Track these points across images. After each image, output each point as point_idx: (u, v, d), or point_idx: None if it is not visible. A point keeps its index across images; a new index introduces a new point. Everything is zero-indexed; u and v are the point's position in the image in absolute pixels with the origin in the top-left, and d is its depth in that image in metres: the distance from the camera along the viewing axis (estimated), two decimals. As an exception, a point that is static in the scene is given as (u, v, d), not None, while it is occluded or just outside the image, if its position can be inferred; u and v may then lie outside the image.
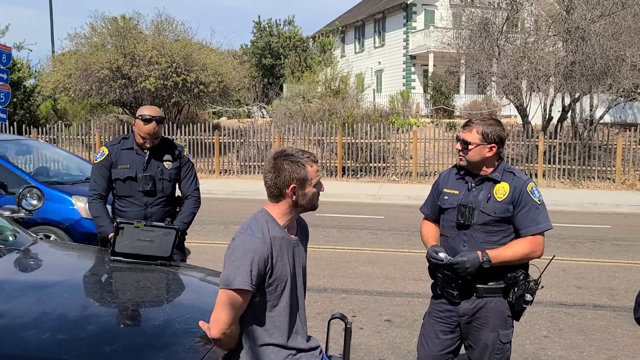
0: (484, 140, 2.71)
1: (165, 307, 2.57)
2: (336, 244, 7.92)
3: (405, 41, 28.77)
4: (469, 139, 2.72)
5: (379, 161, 15.85)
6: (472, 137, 2.72)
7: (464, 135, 2.74)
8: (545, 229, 2.71)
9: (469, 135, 2.73)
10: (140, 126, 3.46)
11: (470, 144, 2.71)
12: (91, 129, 16.99)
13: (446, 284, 2.76)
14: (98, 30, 18.13)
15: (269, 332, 2.14)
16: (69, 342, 2.05)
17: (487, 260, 2.62)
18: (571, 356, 4.24)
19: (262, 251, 2.07)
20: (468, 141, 2.71)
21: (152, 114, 3.46)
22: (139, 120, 3.45)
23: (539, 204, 2.73)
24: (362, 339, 4.46)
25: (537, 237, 2.70)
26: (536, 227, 2.69)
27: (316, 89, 19.99)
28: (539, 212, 2.72)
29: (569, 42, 15.14)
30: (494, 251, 2.65)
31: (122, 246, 2.96)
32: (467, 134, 2.73)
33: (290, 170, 2.09)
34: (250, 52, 29.76)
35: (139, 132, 3.48)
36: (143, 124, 3.44)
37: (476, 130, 2.72)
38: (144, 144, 3.51)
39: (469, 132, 2.74)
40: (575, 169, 15.04)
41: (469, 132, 2.73)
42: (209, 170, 16.41)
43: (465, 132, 2.75)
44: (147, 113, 3.45)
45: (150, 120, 3.44)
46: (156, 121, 3.45)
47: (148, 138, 3.48)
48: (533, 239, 2.69)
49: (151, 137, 3.48)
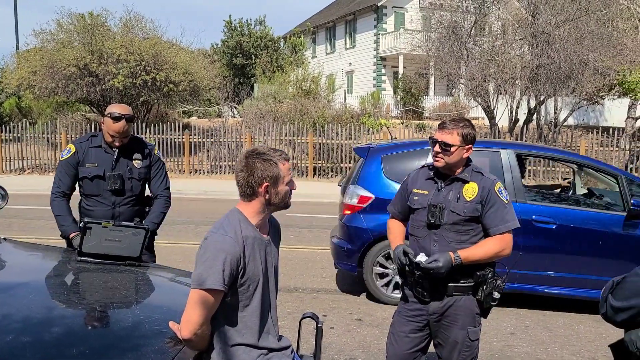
0: (464, 142, 2.75)
1: (134, 308, 2.52)
2: (307, 243, 7.93)
3: (376, 43, 28.99)
4: (450, 141, 2.73)
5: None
6: (453, 139, 2.73)
7: (444, 137, 2.74)
8: (513, 227, 2.77)
9: (450, 137, 2.74)
10: (109, 124, 3.40)
11: (452, 146, 2.73)
12: (57, 127, 16.61)
13: (416, 284, 2.79)
14: (64, 27, 17.74)
15: (240, 332, 2.13)
16: (33, 344, 2.00)
17: (459, 261, 2.66)
18: (536, 352, 4.35)
19: (234, 251, 2.06)
20: (450, 143, 2.73)
21: (122, 112, 3.40)
22: (108, 119, 3.39)
23: (507, 203, 2.79)
24: (332, 338, 4.48)
25: (506, 235, 2.76)
26: (505, 225, 2.75)
27: (287, 90, 19.98)
28: (507, 211, 2.77)
29: (534, 46, 15.50)
30: (466, 251, 2.69)
31: (89, 246, 2.91)
32: (448, 136, 2.74)
33: (262, 169, 2.09)
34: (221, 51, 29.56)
35: (108, 131, 3.42)
36: (112, 122, 3.38)
37: (456, 132, 2.74)
38: (113, 142, 3.45)
39: (449, 134, 2.74)
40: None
41: (449, 134, 2.74)
42: (178, 169, 16.22)
43: (445, 134, 2.75)
44: (116, 111, 3.39)
45: (119, 118, 3.38)
46: (126, 119, 3.39)
47: (117, 136, 3.42)
48: (502, 238, 2.75)
49: (120, 135, 3.42)
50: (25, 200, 10.84)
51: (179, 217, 9.09)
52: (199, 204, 11.48)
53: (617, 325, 1.67)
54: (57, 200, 3.51)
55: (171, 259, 6.24)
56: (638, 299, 1.59)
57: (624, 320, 1.63)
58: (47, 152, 16.38)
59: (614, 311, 1.64)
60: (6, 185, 13.59)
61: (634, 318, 1.61)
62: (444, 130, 2.77)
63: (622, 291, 1.64)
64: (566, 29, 15.04)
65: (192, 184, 14.28)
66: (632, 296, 1.61)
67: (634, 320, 1.61)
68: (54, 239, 6.42)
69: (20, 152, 16.42)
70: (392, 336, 2.93)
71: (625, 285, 1.64)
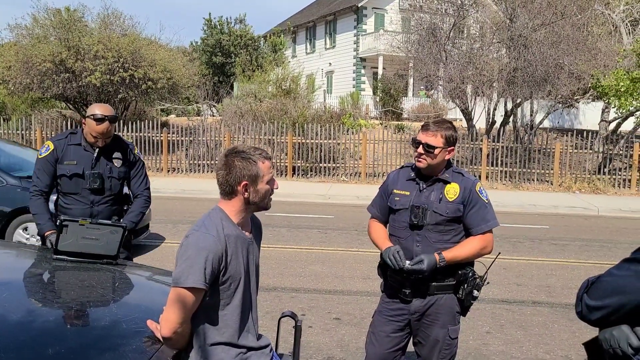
0: (446, 144, 2.78)
1: (111, 307, 2.50)
2: (286, 243, 7.93)
3: (356, 43, 29.10)
4: (434, 143, 2.75)
5: (328, 161, 15.96)
6: (437, 142, 2.75)
7: (427, 139, 2.75)
8: (494, 226, 2.82)
9: (434, 139, 2.75)
10: (92, 126, 3.34)
11: (436, 148, 2.74)
12: (32, 124, 16.29)
13: (399, 284, 2.81)
14: (40, 22, 17.41)
15: (220, 330, 2.13)
16: (8, 345, 1.97)
17: (444, 263, 2.69)
18: (511, 351, 4.42)
19: (216, 249, 2.05)
20: (434, 145, 2.74)
21: (105, 113, 3.34)
22: (91, 120, 3.33)
23: (487, 203, 2.83)
24: (311, 337, 4.50)
25: (487, 234, 2.80)
26: (486, 224, 2.79)
27: (267, 89, 19.92)
28: (487, 211, 2.81)
29: (512, 49, 15.73)
30: (450, 252, 2.72)
31: (65, 244, 2.87)
32: (432, 138, 2.75)
33: (241, 167, 2.09)
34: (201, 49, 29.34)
35: (91, 132, 3.36)
36: (95, 124, 3.32)
37: (440, 134, 2.76)
38: (96, 143, 3.40)
39: (433, 136, 2.76)
40: (516, 171, 15.63)
41: (433, 137, 2.75)
42: (157, 168, 16.06)
43: (429, 136, 2.76)
44: (99, 112, 3.33)
45: (102, 119, 3.32)
46: (109, 120, 3.34)
47: (100, 137, 3.37)
48: (484, 237, 2.79)
49: (104, 136, 3.38)
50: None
51: (157, 216, 9.00)
52: (177, 203, 11.38)
53: (592, 323, 1.72)
54: (35, 199, 3.46)
55: (149, 257, 6.18)
56: (612, 298, 1.64)
57: (598, 319, 1.68)
58: (21, 149, 16.05)
59: (589, 310, 1.68)
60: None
61: (607, 317, 1.66)
62: (427, 132, 2.78)
63: (597, 291, 1.68)
64: (542, 32, 15.31)
65: (171, 182, 14.15)
66: (606, 295, 1.66)
67: (608, 319, 1.66)
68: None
69: (-7, 149, 16.05)
70: (373, 336, 2.95)
71: (600, 285, 1.69)
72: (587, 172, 15.58)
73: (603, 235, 9.33)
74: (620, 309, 1.62)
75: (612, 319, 1.65)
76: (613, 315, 1.64)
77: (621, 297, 1.62)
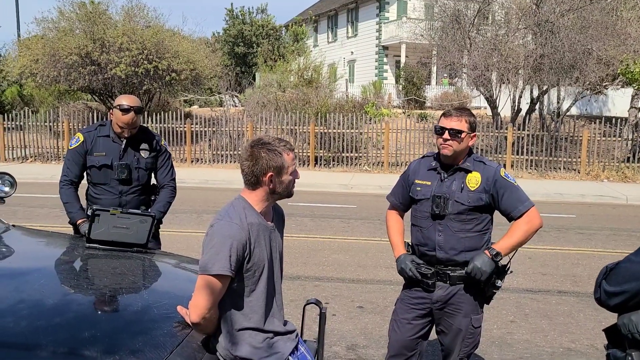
0: (470, 130, 2.78)
1: (142, 293, 2.58)
2: (309, 232, 7.99)
3: (378, 32, 28.89)
4: (460, 127, 2.73)
5: (351, 151, 15.95)
6: (462, 126, 2.74)
7: (452, 124, 2.74)
8: (530, 205, 2.77)
9: (459, 124, 2.74)
10: (118, 116, 3.44)
11: (462, 132, 2.73)
12: (59, 115, 16.62)
13: (422, 275, 2.82)
14: (66, 15, 17.70)
15: (247, 316, 2.19)
16: (46, 328, 2.06)
17: (496, 254, 2.67)
18: (536, 339, 4.41)
19: (240, 237, 2.10)
20: (461, 130, 2.73)
21: (130, 103, 3.44)
22: (117, 110, 3.44)
23: (516, 185, 2.81)
24: (335, 325, 4.55)
25: (529, 212, 2.75)
26: (523, 205, 2.75)
27: (289, 79, 19.96)
28: (519, 192, 2.79)
29: (538, 35, 15.45)
30: (499, 244, 2.71)
31: (97, 233, 2.96)
32: (457, 123, 2.74)
33: (267, 159, 2.13)
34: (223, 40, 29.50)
35: (117, 122, 3.47)
36: (121, 114, 3.43)
37: (464, 119, 2.75)
38: (122, 133, 3.51)
39: (458, 120, 2.74)
40: (542, 160, 15.41)
41: (458, 121, 2.74)
42: (180, 158, 16.26)
43: (454, 121, 2.74)
44: (125, 103, 3.44)
45: (128, 110, 3.42)
46: (134, 111, 3.44)
47: (126, 128, 3.47)
48: (526, 215, 2.74)
49: (129, 126, 3.47)
50: (28, 188, 10.88)
51: (181, 206, 9.14)
52: (200, 193, 11.54)
53: (610, 309, 1.73)
54: (65, 188, 3.58)
55: (174, 246, 6.28)
56: (630, 284, 1.66)
57: (617, 305, 1.70)
58: (49, 140, 16.41)
59: (608, 296, 1.70)
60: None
61: (626, 302, 1.67)
62: (451, 118, 2.76)
63: (615, 277, 1.70)
64: (570, 18, 14.99)
65: (194, 173, 14.33)
66: (624, 281, 1.68)
67: (626, 305, 1.68)
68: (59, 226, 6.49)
69: (22, 141, 16.46)
70: (395, 323, 2.98)
71: (618, 271, 1.71)
72: (615, 160, 15.28)
73: (631, 224, 9.17)
74: (639, 294, 1.64)
75: (631, 304, 1.67)
76: (631, 300, 1.66)
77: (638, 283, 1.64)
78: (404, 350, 2.93)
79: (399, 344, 2.94)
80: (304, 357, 2.37)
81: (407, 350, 2.93)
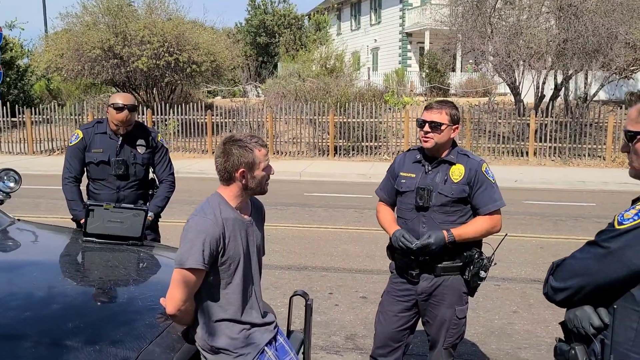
0: (451, 122, 2.80)
1: (130, 286, 2.68)
2: (321, 222, 8.05)
3: (402, 18, 28.58)
4: (440, 119, 2.77)
5: (371, 140, 15.92)
6: (442, 118, 2.78)
7: (433, 117, 2.78)
8: (501, 205, 2.83)
9: (439, 116, 2.78)
10: (112, 114, 3.55)
11: (442, 124, 2.77)
12: (84, 109, 17.01)
13: (406, 265, 2.87)
14: (89, 9, 18.01)
15: (224, 308, 2.26)
16: (33, 319, 2.17)
17: (452, 239, 2.73)
18: (537, 330, 4.39)
19: (213, 232, 2.17)
20: (440, 122, 2.77)
21: (124, 102, 3.54)
22: (112, 109, 3.55)
23: (494, 183, 2.84)
24: (336, 315, 4.61)
25: (495, 214, 2.82)
26: (494, 204, 2.80)
27: (311, 68, 19.96)
28: (494, 191, 2.83)
29: (561, 20, 15.08)
30: (458, 230, 2.76)
31: (93, 227, 3.07)
32: (437, 115, 2.78)
33: (238, 155, 2.19)
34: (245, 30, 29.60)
35: (112, 120, 3.58)
36: (115, 112, 3.54)
37: (445, 112, 2.79)
38: (118, 130, 3.61)
39: (438, 113, 2.78)
40: (566, 147, 15.12)
41: (438, 113, 2.78)
42: (202, 150, 16.48)
43: (434, 114, 2.78)
44: (119, 101, 3.54)
45: (122, 108, 3.52)
46: (128, 109, 3.54)
47: (121, 125, 3.58)
48: (492, 216, 2.81)
49: (124, 124, 3.58)
50: (54, 180, 11.17)
51: (200, 197, 9.28)
52: (220, 184, 11.67)
53: (557, 304, 1.76)
54: (69, 185, 3.70)
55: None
56: (574, 280, 1.68)
57: (562, 300, 1.72)
58: (75, 133, 16.80)
59: (554, 291, 1.73)
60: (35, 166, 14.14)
61: (571, 297, 1.70)
62: (432, 110, 2.81)
63: (561, 273, 1.73)
64: (594, 1, 14.58)
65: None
66: (568, 277, 1.70)
67: (572, 300, 1.70)
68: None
69: (49, 134, 16.91)
70: (381, 315, 3.02)
71: (563, 268, 1.74)
72: (642, 146, 14.86)
73: (653, 213, 8.94)
74: (581, 290, 1.67)
75: (575, 299, 1.69)
76: (575, 296, 1.68)
77: (581, 279, 1.66)
78: (389, 341, 2.98)
79: (384, 335, 2.99)
80: (282, 347, 2.43)
81: (393, 342, 2.98)
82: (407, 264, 2.87)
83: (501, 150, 15.51)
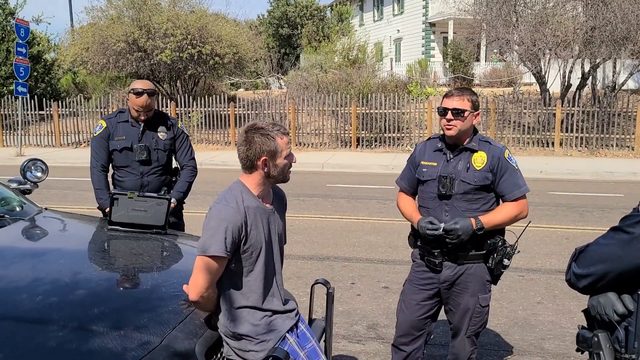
0: (473, 108, 2.78)
1: (154, 273, 2.72)
2: (343, 213, 8.05)
3: (425, 8, 28.23)
4: (462, 106, 2.74)
5: (393, 131, 15.83)
6: (464, 105, 2.75)
7: (454, 104, 2.75)
8: (526, 191, 2.81)
9: (461, 103, 2.74)
10: (132, 99, 3.63)
11: (465, 111, 2.74)
12: (110, 102, 17.25)
13: (429, 253, 2.86)
14: (114, 3, 18.22)
15: (245, 295, 2.28)
16: (59, 304, 2.22)
17: (480, 226, 2.70)
18: (561, 321, 4.33)
19: (236, 220, 2.19)
20: (463, 109, 2.74)
21: (143, 87, 3.63)
22: (132, 94, 3.63)
23: (517, 169, 2.81)
24: (358, 305, 4.62)
25: (521, 200, 2.78)
26: (519, 190, 2.77)
27: (333, 59, 19.90)
28: (519, 177, 2.80)
29: (588, 7, 14.74)
30: (486, 217, 2.73)
31: (118, 216, 3.13)
32: (459, 102, 2.74)
33: (260, 143, 2.20)
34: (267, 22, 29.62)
35: (133, 106, 3.65)
36: (135, 97, 3.61)
37: (466, 98, 2.76)
38: (139, 116, 3.68)
39: (460, 100, 2.75)
40: (593, 137, 14.82)
41: (460, 100, 2.75)
42: (225, 142, 16.59)
43: (456, 101, 2.75)
44: (138, 87, 3.63)
45: (141, 93, 3.60)
46: (147, 94, 3.61)
47: (141, 110, 3.65)
48: (518, 202, 2.78)
49: (144, 109, 3.64)
50: (81, 172, 11.41)
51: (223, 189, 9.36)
52: (242, 175, 11.74)
53: (580, 291, 1.73)
54: (97, 174, 3.79)
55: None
56: (597, 266, 1.65)
57: (585, 287, 1.70)
58: (101, 126, 17.07)
59: (577, 278, 1.70)
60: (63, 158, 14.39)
61: (594, 284, 1.67)
62: (453, 97, 2.77)
63: (584, 259, 1.70)
64: (623, -13, 14.21)
65: (238, 155, 14.58)
66: (592, 264, 1.67)
67: (595, 287, 1.67)
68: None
69: (76, 126, 17.22)
70: (403, 303, 3.02)
71: (586, 254, 1.71)
72: (673, 136, 14.51)
73: (683, 204, 8.73)
74: (605, 276, 1.64)
75: (599, 286, 1.66)
76: (598, 282, 1.66)
77: (605, 265, 1.63)
78: (412, 330, 2.97)
79: (407, 324, 2.98)
80: (303, 334, 2.45)
81: (416, 330, 2.97)
82: (429, 253, 2.85)
83: (526, 140, 15.27)
